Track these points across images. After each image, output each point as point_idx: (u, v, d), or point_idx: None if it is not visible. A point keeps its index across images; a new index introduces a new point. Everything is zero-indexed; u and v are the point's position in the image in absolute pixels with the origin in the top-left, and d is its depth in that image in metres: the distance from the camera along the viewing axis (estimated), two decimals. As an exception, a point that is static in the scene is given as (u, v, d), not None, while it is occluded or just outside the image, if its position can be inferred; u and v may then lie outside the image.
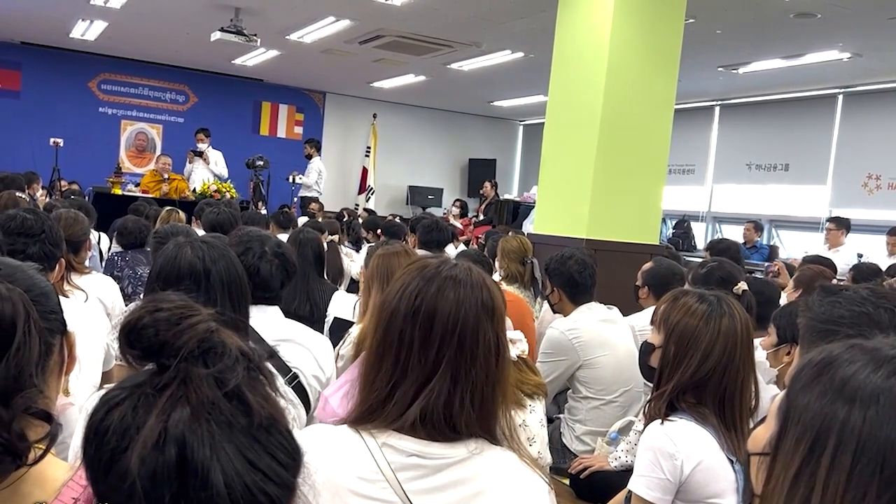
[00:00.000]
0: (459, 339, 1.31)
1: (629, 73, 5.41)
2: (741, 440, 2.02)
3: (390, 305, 1.36)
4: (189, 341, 0.73)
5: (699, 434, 2.01)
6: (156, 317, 0.75)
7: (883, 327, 1.35)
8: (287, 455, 0.73)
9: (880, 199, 9.36)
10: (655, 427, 2.06)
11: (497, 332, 1.36)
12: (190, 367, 0.72)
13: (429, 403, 1.29)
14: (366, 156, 13.85)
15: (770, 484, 0.92)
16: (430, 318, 1.32)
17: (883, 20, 6.79)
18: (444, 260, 1.42)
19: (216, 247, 1.91)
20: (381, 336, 1.35)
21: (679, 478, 2.00)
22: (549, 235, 5.57)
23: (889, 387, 0.85)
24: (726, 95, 11.06)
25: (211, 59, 11.43)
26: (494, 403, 1.35)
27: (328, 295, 3.82)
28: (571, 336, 3.49)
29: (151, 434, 0.67)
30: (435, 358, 1.31)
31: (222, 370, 0.72)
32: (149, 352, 0.74)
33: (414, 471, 1.28)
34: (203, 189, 9.52)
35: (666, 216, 8.86)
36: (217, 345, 0.74)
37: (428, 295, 1.33)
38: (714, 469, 2.00)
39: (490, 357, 1.33)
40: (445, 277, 1.35)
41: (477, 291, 1.35)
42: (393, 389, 1.31)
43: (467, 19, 7.97)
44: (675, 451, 2.00)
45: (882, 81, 9.28)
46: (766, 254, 9.18)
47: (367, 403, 1.33)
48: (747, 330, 2.08)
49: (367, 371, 1.36)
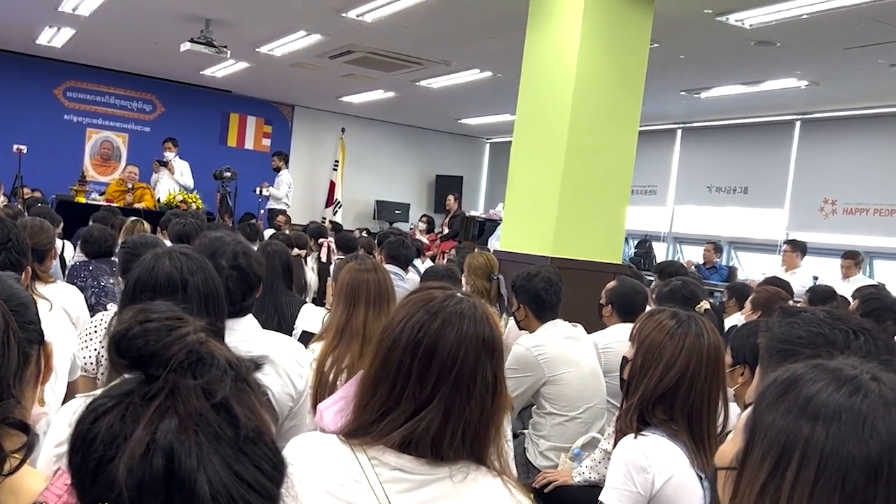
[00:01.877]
0: (457, 375, 1.32)
1: (595, 95, 5.51)
2: (709, 456, 2.06)
3: (392, 334, 1.37)
4: (178, 352, 0.73)
5: (671, 449, 2.06)
6: (146, 327, 0.75)
7: (839, 347, 1.40)
8: (272, 467, 0.73)
9: (836, 223, 9.60)
10: (629, 441, 2.10)
11: (496, 370, 1.37)
12: (179, 378, 0.72)
13: (415, 432, 1.31)
14: (334, 169, 13.84)
15: (737, 498, 0.95)
16: (431, 352, 1.33)
17: (839, 51, 7.02)
18: (450, 294, 1.42)
19: (194, 258, 1.90)
20: (380, 363, 1.37)
21: (650, 491, 2.03)
22: (516, 253, 5.64)
23: (850, 405, 0.89)
24: (688, 119, 11.27)
25: (179, 70, 11.36)
26: (487, 439, 1.36)
27: (297, 308, 3.78)
28: (537, 353, 3.53)
29: (139, 444, 0.67)
30: (430, 392, 1.32)
31: (210, 381, 0.72)
32: (138, 361, 0.74)
33: (399, 483, 1.30)
34: (169, 199, 9.44)
35: (628, 236, 9.00)
36: (206, 356, 0.74)
37: (431, 329, 1.34)
38: (684, 484, 2.04)
39: (486, 395, 1.34)
40: (450, 312, 1.36)
41: (479, 328, 1.36)
42: (383, 415, 1.33)
43: (437, 38, 8.06)
44: (647, 464, 2.04)
45: (838, 109, 9.52)
46: (725, 274, 9.34)
47: (358, 423, 1.36)
48: (716, 349, 2.13)
49: (362, 394, 1.38)
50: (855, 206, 9.43)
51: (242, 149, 13.25)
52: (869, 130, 9.44)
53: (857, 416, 0.88)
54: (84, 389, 2.41)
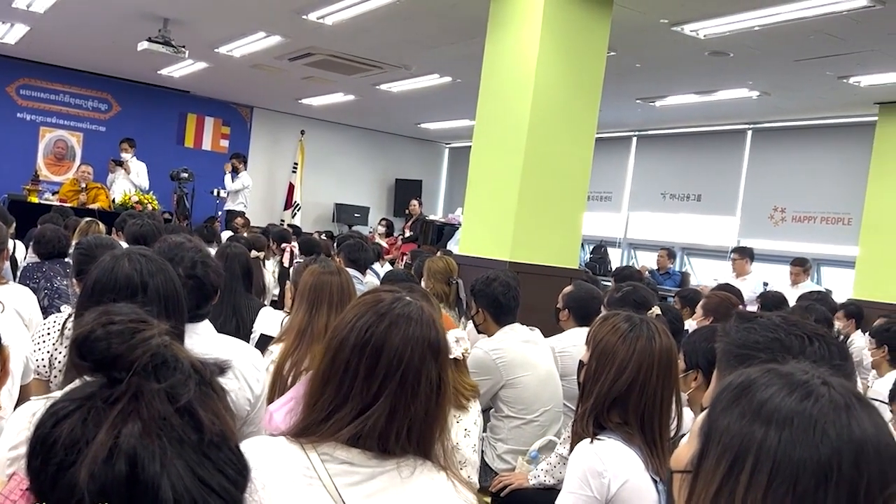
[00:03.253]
0: (403, 375, 1.37)
1: (554, 101, 5.59)
2: (663, 460, 2.10)
3: (340, 335, 1.41)
4: (142, 356, 0.72)
5: (626, 454, 2.08)
6: (109, 329, 0.74)
7: (794, 352, 1.42)
8: (236, 471, 0.73)
9: (785, 230, 9.83)
10: (585, 446, 2.11)
11: (440, 371, 1.41)
12: (142, 382, 0.71)
13: (363, 429, 1.35)
14: (293, 172, 13.75)
15: (692, 501, 0.96)
16: (378, 352, 1.37)
17: (790, 62, 7.20)
18: (398, 296, 1.46)
19: (154, 260, 1.89)
20: (329, 363, 1.41)
21: (606, 496, 2.05)
22: (474, 257, 5.69)
23: (802, 409, 0.91)
24: (643, 127, 11.43)
25: (136, 69, 11.20)
26: (431, 436, 1.40)
27: (255, 311, 3.76)
28: (495, 356, 3.57)
29: (102, 448, 0.66)
30: (376, 391, 1.36)
31: (174, 385, 0.71)
32: (100, 364, 0.72)
33: (348, 476, 1.34)
34: (124, 200, 9.30)
35: (584, 241, 9.11)
36: (170, 360, 0.73)
37: (378, 330, 1.38)
38: (639, 488, 2.06)
39: (431, 395, 1.39)
40: (398, 315, 1.40)
41: (426, 330, 1.41)
42: (332, 413, 1.37)
43: (398, 42, 8.08)
44: (603, 469, 2.05)
45: (788, 119, 9.75)
46: (678, 280, 9.50)
47: (307, 422, 1.39)
48: (668, 353, 2.16)
49: (311, 393, 1.42)
50: (804, 214, 9.67)
51: (200, 150, 13.10)
52: (818, 140, 9.69)
53: (809, 421, 0.90)
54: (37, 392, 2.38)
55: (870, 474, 0.89)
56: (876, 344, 4.27)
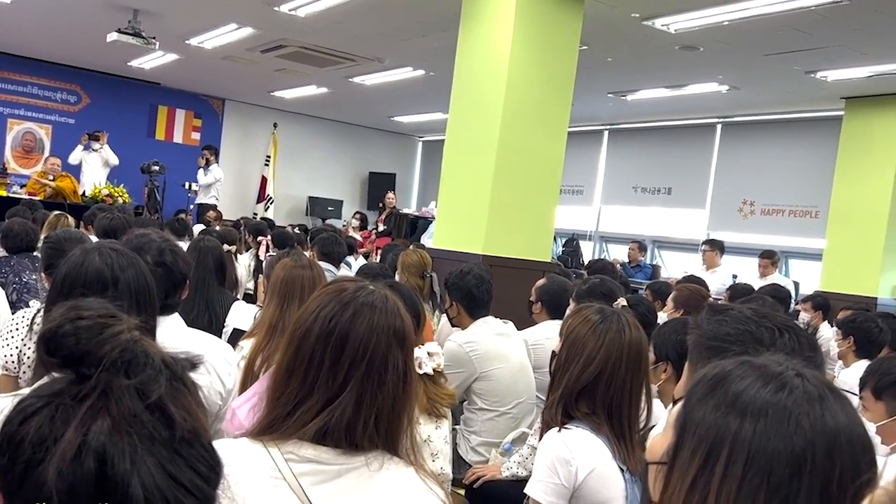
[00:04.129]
0: (368, 363, 1.35)
1: (526, 95, 5.61)
2: (630, 449, 2.14)
3: (304, 325, 1.39)
4: (111, 351, 0.70)
5: (593, 442, 2.11)
6: (77, 325, 0.72)
7: (765, 344, 1.44)
8: (208, 468, 0.72)
9: (754, 223, 9.96)
10: (553, 434, 2.14)
11: (406, 359, 1.40)
12: (111, 378, 0.69)
13: (330, 421, 1.32)
14: (265, 165, 13.66)
15: (667, 492, 0.97)
16: (342, 341, 1.36)
17: (758, 57, 7.29)
18: (361, 285, 1.45)
19: (125, 254, 1.86)
20: (292, 354, 1.39)
21: (574, 483, 2.08)
22: (448, 250, 5.71)
23: (776, 401, 0.92)
24: (615, 121, 11.49)
25: (106, 60, 11.05)
26: (399, 426, 1.39)
27: (228, 305, 3.73)
28: (469, 349, 3.59)
29: (70, 446, 0.65)
30: (342, 380, 1.34)
31: (144, 381, 0.70)
32: (69, 360, 0.71)
33: (314, 476, 1.31)
34: (94, 193, 9.20)
35: (557, 235, 9.16)
36: (140, 355, 0.72)
37: (342, 319, 1.37)
38: (606, 476, 2.09)
39: (398, 383, 1.38)
40: (362, 303, 1.39)
41: (391, 319, 1.39)
42: (297, 406, 1.34)
43: (371, 35, 8.06)
44: (570, 457, 2.08)
45: (757, 113, 9.87)
46: (649, 273, 9.59)
47: (271, 417, 1.36)
48: (637, 345, 2.19)
49: (275, 387, 1.39)
50: (772, 207, 9.81)
51: (171, 142, 12.96)
52: (786, 134, 9.82)
53: (783, 412, 0.91)
54: (5, 389, 2.36)
55: (842, 464, 0.90)
56: (842, 335, 4.35)
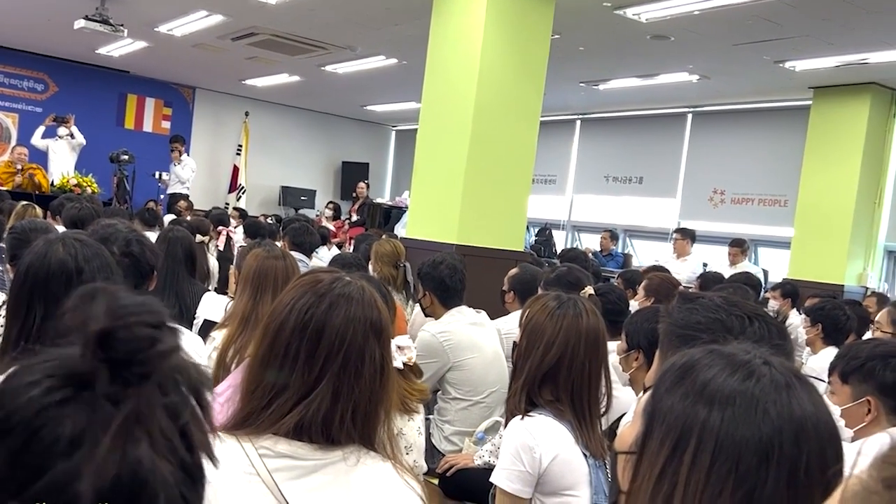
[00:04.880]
0: (345, 356, 1.34)
1: (499, 85, 5.62)
2: (592, 434, 2.17)
3: (279, 317, 1.37)
4: (161, 365, 0.62)
5: (557, 429, 2.13)
6: (135, 332, 0.62)
7: (735, 332, 1.45)
8: None
9: (724, 212, 10.07)
10: (516, 422, 2.16)
11: (383, 351, 1.39)
12: (152, 390, 0.61)
13: (307, 415, 1.31)
14: (237, 154, 13.53)
15: (636, 481, 0.97)
16: (319, 333, 1.34)
17: (728, 46, 7.35)
18: (337, 276, 1.43)
19: (90, 245, 1.82)
20: (267, 347, 1.37)
21: (538, 470, 2.10)
22: (422, 240, 5.71)
23: (744, 389, 0.93)
24: (587, 110, 11.53)
25: (73, 48, 10.86)
26: (376, 419, 1.37)
27: (199, 296, 3.71)
28: (442, 339, 3.60)
29: (110, 461, 0.56)
30: (318, 373, 1.33)
31: (177, 403, 0.62)
32: (117, 364, 0.61)
33: (289, 472, 1.29)
34: (62, 183, 9.06)
35: (529, 224, 9.19)
36: (181, 372, 0.64)
37: (318, 311, 1.35)
38: (569, 462, 2.12)
39: (375, 375, 1.36)
40: (338, 294, 1.37)
41: (367, 310, 1.38)
42: (272, 399, 1.33)
43: (343, 22, 8.00)
44: (534, 444, 2.10)
45: (727, 103, 9.95)
46: (620, 261, 9.66)
47: (246, 411, 1.35)
48: (595, 331, 2.21)
49: (250, 380, 1.37)
50: (742, 196, 9.91)
51: (141, 131, 12.78)
52: (755, 124, 9.92)
53: (750, 401, 0.92)
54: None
55: (809, 451, 0.91)
56: (810, 322, 4.42)
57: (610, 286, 4.29)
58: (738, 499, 0.89)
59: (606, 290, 3.82)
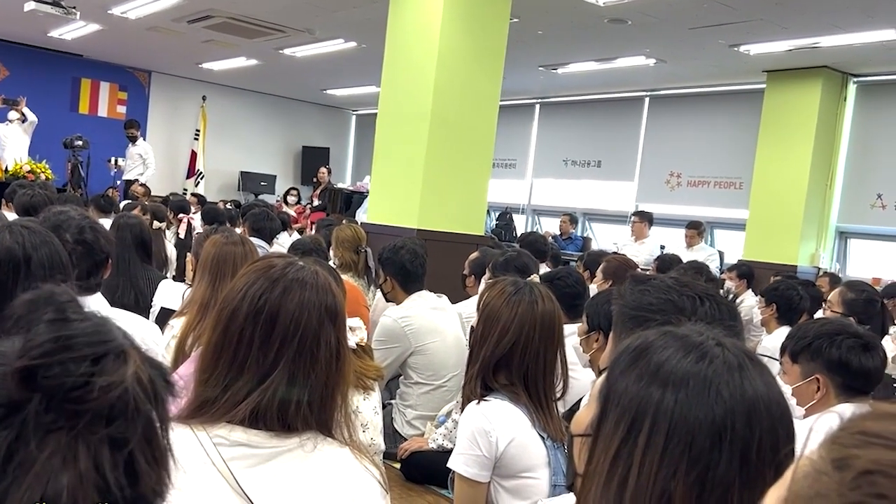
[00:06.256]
0: (300, 341, 1.32)
1: (458, 68, 5.62)
2: (549, 417, 2.19)
3: (232, 304, 1.35)
4: (101, 400, 0.57)
5: (512, 412, 2.16)
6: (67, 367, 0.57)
7: (686, 313, 1.46)
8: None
9: (681, 195, 10.20)
10: (472, 407, 2.18)
11: (339, 336, 1.37)
12: (92, 423, 0.57)
13: (262, 402, 1.29)
14: (195, 139, 13.33)
15: (592, 463, 0.97)
16: (273, 319, 1.32)
17: (685, 30, 7.43)
18: (290, 261, 1.41)
19: (38, 232, 1.78)
20: (221, 334, 1.34)
21: (495, 453, 2.13)
22: (382, 225, 5.71)
23: (697, 371, 0.93)
24: (546, 94, 11.56)
25: (25, 31, 10.60)
26: (333, 405, 1.36)
27: (155, 283, 3.65)
28: (404, 324, 3.62)
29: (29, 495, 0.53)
30: (273, 359, 1.31)
31: (122, 430, 0.58)
32: (50, 395, 0.56)
33: (245, 460, 1.27)
34: (15, 169, 8.85)
35: (490, 208, 9.22)
36: (129, 402, 0.59)
37: (272, 296, 1.33)
38: (526, 445, 2.15)
39: (331, 360, 1.35)
40: (292, 279, 1.36)
41: (322, 295, 1.36)
42: (227, 387, 1.31)
43: (300, 5, 7.91)
44: (490, 428, 2.12)
45: (683, 86, 10.04)
46: (580, 245, 9.75)
47: (200, 399, 1.32)
48: (550, 316, 2.23)
49: (203, 368, 1.35)
50: (698, 179, 10.05)
51: (95, 116, 12.53)
52: (711, 107, 10.05)
53: (704, 382, 0.93)
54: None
55: (761, 431, 0.92)
56: (765, 302, 4.52)
57: (567, 269, 4.34)
58: (691, 479, 0.90)
59: (563, 274, 3.86)
